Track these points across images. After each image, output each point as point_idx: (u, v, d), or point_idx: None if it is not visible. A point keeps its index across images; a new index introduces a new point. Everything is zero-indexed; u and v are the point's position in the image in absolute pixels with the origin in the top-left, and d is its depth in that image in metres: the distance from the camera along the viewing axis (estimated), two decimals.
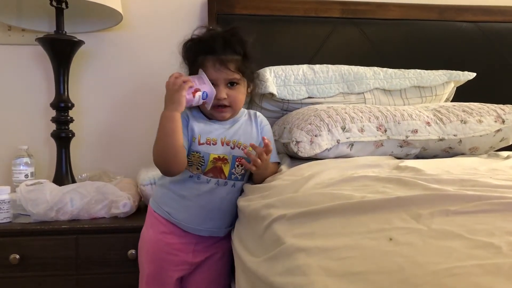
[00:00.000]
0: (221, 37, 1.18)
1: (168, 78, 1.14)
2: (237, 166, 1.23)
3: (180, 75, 1.15)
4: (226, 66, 1.17)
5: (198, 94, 1.14)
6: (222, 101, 1.19)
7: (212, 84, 1.17)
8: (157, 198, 1.28)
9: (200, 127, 1.21)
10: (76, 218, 1.46)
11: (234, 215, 1.25)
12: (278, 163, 1.31)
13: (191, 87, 1.13)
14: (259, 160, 1.15)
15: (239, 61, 1.19)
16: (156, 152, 1.14)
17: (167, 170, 1.17)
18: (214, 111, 1.21)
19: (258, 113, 1.34)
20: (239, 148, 1.23)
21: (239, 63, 1.19)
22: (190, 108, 1.24)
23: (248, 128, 1.28)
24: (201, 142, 1.20)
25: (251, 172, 1.23)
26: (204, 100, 1.17)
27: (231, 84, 1.20)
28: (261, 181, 1.22)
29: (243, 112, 1.32)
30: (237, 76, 1.19)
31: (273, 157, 1.27)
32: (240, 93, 1.23)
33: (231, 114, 1.25)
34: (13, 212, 1.45)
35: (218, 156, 1.21)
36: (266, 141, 1.16)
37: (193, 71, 1.22)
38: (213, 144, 1.20)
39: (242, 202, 1.15)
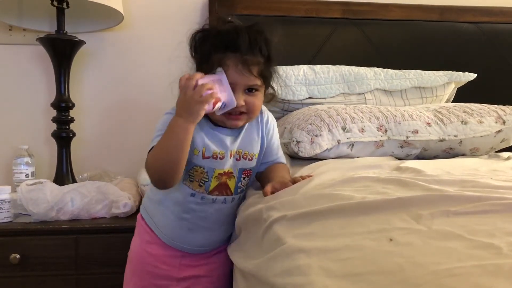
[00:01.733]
0: (246, 33, 0.99)
1: (183, 79, 0.95)
2: (243, 179, 1.09)
3: (201, 77, 0.95)
4: (249, 70, 0.98)
5: (218, 105, 0.96)
6: (239, 108, 1.00)
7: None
8: (150, 212, 1.13)
9: (205, 138, 1.03)
10: (77, 218, 1.46)
11: (232, 227, 1.12)
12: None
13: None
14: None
15: (263, 64, 1.01)
16: (155, 162, 0.97)
17: (161, 184, 1.00)
18: (226, 119, 1.02)
19: (267, 115, 1.15)
20: (245, 158, 1.08)
21: (262, 67, 1.01)
22: None
23: (252, 133, 1.10)
24: (206, 155, 1.03)
25: (262, 175, 1.12)
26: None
27: (250, 90, 1.02)
28: None
29: None
30: (258, 82, 1.01)
31: (279, 157, 1.15)
32: (259, 100, 1.05)
33: (245, 122, 1.07)
34: (13, 211, 1.45)
35: (224, 171, 1.05)
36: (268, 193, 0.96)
37: (204, 69, 1.01)
38: (220, 159, 1.04)
39: (241, 212, 1.06)
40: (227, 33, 0.99)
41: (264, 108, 1.15)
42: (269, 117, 1.15)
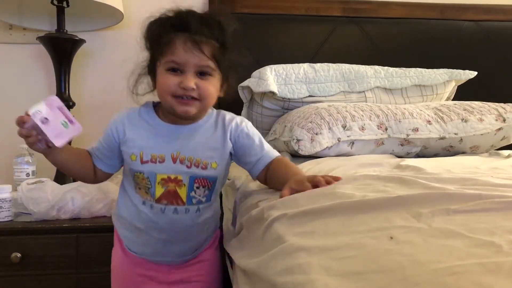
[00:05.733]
0: (198, 15, 0.96)
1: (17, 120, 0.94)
2: (198, 188, 1.01)
3: (21, 123, 0.93)
4: (199, 49, 0.92)
5: (53, 142, 0.89)
6: (189, 91, 0.93)
7: (179, 70, 0.94)
8: (116, 224, 1.12)
9: (143, 140, 0.99)
10: (77, 217, 1.46)
11: (203, 237, 1.09)
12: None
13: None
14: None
15: (216, 47, 0.95)
16: None
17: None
18: (176, 103, 0.95)
19: (230, 118, 1.06)
20: (197, 166, 0.99)
21: (215, 50, 0.94)
22: (137, 110, 1.04)
23: (210, 138, 1.02)
24: (144, 160, 0.98)
25: (266, 178, 1.04)
26: (45, 124, 0.90)
27: (202, 74, 0.95)
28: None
29: (210, 115, 1.05)
30: (211, 64, 0.94)
31: (266, 152, 1.05)
32: (212, 86, 0.96)
33: (198, 112, 0.98)
34: (14, 210, 1.45)
35: (168, 177, 0.98)
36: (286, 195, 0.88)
37: (156, 54, 0.99)
38: (160, 162, 0.98)
39: (242, 211, 1.02)
40: (178, 14, 0.97)
41: (233, 114, 1.08)
42: (237, 121, 1.05)
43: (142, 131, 1.00)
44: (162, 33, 0.96)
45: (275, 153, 1.06)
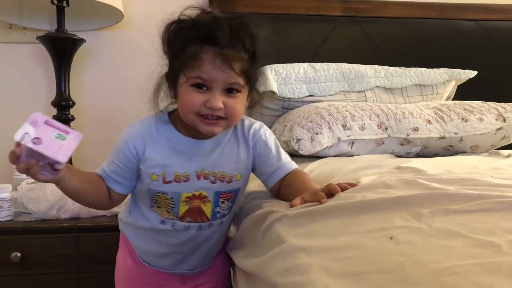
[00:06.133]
0: (228, 25, 0.84)
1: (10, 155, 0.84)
2: (222, 203, 0.96)
3: (15, 159, 0.82)
4: (230, 66, 0.83)
5: (56, 166, 0.80)
6: (217, 112, 0.85)
7: (206, 86, 0.85)
8: (125, 233, 1.05)
9: (164, 158, 0.90)
10: (77, 216, 1.46)
11: (220, 246, 1.06)
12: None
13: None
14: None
15: (246, 62, 0.86)
16: None
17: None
18: (200, 122, 0.86)
19: (250, 123, 1.00)
20: (222, 181, 0.93)
21: (246, 65, 0.86)
22: (153, 123, 0.95)
23: (233, 150, 0.95)
24: (167, 180, 0.90)
25: (279, 191, 0.99)
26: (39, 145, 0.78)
27: (230, 90, 0.86)
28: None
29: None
30: (240, 81, 0.86)
31: (284, 164, 0.99)
32: (240, 104, 0.89)
33: (223, 129, 0.91)
34: (14, 210, 1.45)
35: (193, 194, 0.92)
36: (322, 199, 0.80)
37: (177, 66, 0.89)
38: (184, 181, 0.91)
39: (242, 213, 1.02)
40: (205, 23, 0.84)
41: (251, 119, 1.01)
42: (255, 127, 0.99)
43: (161, 148, 0.92)
44: (187, 44, 0.86)
45: (292, 165, 1.00)
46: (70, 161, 1.71)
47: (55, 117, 1.68)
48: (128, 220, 1.02)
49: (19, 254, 1.36)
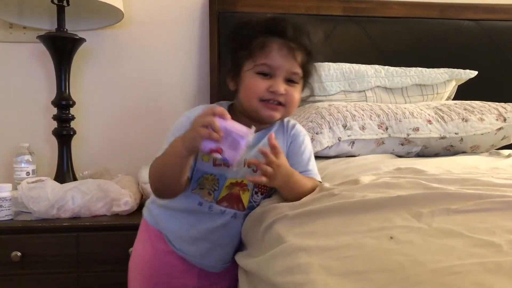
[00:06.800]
0: (291, 22, 0.95)
1: (210, 110, 0.83)
2: (256, 193, 1.00)
3: (213, 117, 0.81)
4: (293, 56, 0.93)
5: (217, 156, 0.82)
6: (278, 97, 0.93)
7: (269, 74, 0.93)
8: (156, 217, 1.05)
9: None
10: (77, 216, 1.46)
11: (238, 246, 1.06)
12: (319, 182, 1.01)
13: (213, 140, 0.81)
14: (269, 168, 0.86)
15: (306, 56, 0.96)
16: (153, 174, 0.94)
17: (159, 195, 0.98)
18: (262, 107, 0.94)
19: (294, 123, 1.07)
20: None
21: (305, 58, 0.96)
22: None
23: (279, 141, 0.95)
24: (218, 162, 0.94)
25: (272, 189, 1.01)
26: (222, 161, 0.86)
27: (290, 81, 0.95)
28: (294, 199, 0.91)
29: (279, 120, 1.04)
30: (300, 72, 0.95)
31: (310, 171, 1.01)
32: (298, 93, 0.98)
33: (281, 117, 0.98)
34: (14, 209, 1.45)
35: (236, 181, 0.97)
36: (273, 141, 0.88)
37: (241, 56, 0.96)
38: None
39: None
40: (272, 19, 0.96)
41: (296, 123, 1.07)
42: (298, 129, 1.05)
43: None
44: (256, 35, 0.94)
45: (317, 177, 1.02)
46: (71, 161, 1.71)
47: (55, 116, 1.69)
48: (163, 202, 1.02)
49: (19, 254, 1.36)
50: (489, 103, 1.46)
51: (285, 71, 0.93)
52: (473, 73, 1.73)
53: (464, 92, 1.78)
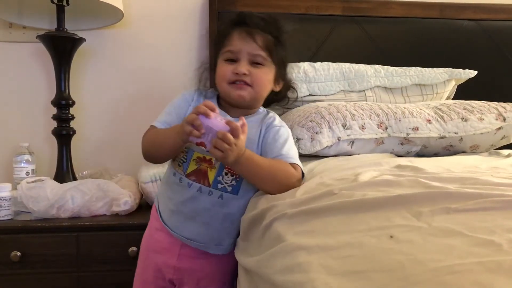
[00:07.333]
0: (258, 14, 1.08)
1: (202, 106, 0.94)
2: (226, 174, 1.05)
3: (196, 116, 0.92)
4: (253, 38, 1.03)
5: (202, 147, 0.96)
6: (242, 76, 1.03)
7: (234, 60, 1.04)
8: (158, 193, 1.20)
9: None
10: (77, 216, 1.46)
11: (224, 233, 1.09)
12: (298, 167, 1.06)
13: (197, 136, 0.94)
14: (225, 144, 0.90)
15: (270, 40, 1.05)
16: (146, 141, 1.10)
17: (146, 158, 1.11)
18: (231, 89, 1.04)
19: (275, 116, 1.15)
20: None
21: (268, 41, 1.05)
22: (205, 91, 1.14)
23: (251, 131, 1.02)
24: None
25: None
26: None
27: (255, 64, 1.05)
28: (263, 183, 1.01)
29: (261, 113, 1.14)
30: (262, 53, 1.04)
31: (282, 155, 1.05)
32: (264, 74, 1.06)
33: (251, 99, 1.06)
34: (14, 209, 1.45)
35: (204, 157, 1.04)
36: (235, 123, 0.92)
37: (217, 49, 1.10)
38: None
39: (245, 212, 1.04)
40: (238, 14, 1.09)
41: (274, 115, 1.15)
42: (276, 121, 1.12)
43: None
44: (224, 29, 1.09)
45: (292, 160, 1.05)
46: (70, 161, 1.71)
47: (54, 116, 1.69)
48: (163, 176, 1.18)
49: (19, 253, 1.36)
50: (489, 102, 1.46)
51: (246, 53, 1.04)
52: (473, 73, 1.73)
53: (463, 92, 1.78)
